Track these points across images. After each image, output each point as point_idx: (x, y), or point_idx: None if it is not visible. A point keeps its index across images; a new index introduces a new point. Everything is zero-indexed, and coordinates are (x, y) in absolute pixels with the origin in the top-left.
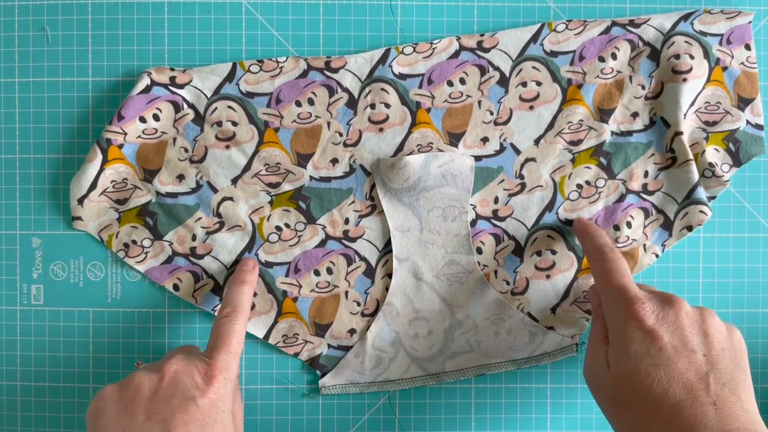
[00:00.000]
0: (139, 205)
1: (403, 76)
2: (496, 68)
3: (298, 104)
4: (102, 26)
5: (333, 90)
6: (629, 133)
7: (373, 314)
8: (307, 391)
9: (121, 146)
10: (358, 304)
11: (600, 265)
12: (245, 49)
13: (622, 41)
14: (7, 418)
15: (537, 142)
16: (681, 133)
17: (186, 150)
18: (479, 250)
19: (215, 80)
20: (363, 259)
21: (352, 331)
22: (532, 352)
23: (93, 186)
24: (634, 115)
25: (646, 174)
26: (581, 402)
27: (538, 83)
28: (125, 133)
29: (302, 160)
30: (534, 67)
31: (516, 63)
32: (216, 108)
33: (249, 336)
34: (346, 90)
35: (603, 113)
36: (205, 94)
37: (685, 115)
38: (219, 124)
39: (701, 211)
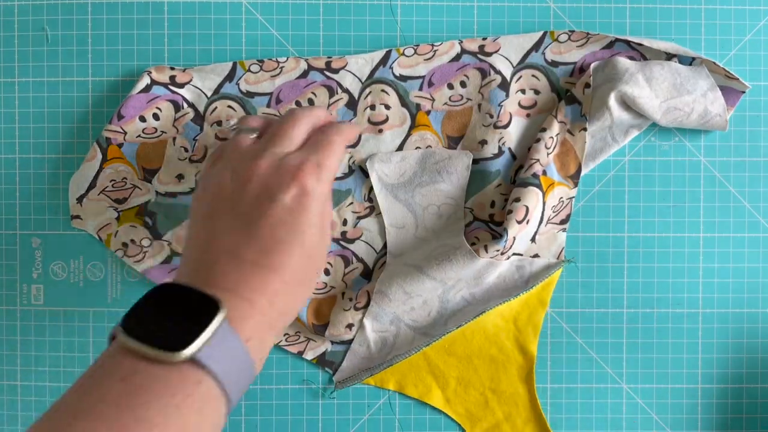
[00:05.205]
0: (138, 205)
1: (403, 78)
2: (498, 72)
3: (298, 104)
4: (102, 26)
5: (333, 90)
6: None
7: (366, 305)
8: (321, 390)
9: (120, 145)
10: (351, 300)
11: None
12: (245, 49)
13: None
14: (7, 418)
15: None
16: None
17: (186, 149)
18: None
19: (215, 80)
20: (360, 260)
21: (350, 326)
22: (524, 284)
23: (92, 185)
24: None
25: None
26: (581, 402)
27: (536, 92)
28: (125, 132)
29: None
30: (534, 76)
31: (516, 69)
32: (216, 107)
33: None
34: (346, 91)
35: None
36: (205, 94)
37: None
38: (219, 123)
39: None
